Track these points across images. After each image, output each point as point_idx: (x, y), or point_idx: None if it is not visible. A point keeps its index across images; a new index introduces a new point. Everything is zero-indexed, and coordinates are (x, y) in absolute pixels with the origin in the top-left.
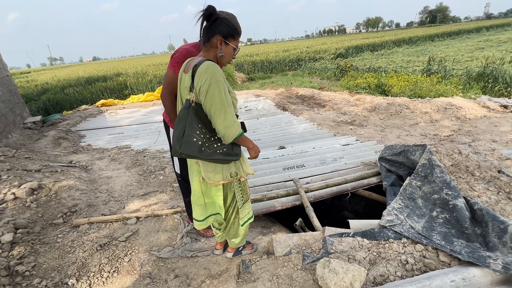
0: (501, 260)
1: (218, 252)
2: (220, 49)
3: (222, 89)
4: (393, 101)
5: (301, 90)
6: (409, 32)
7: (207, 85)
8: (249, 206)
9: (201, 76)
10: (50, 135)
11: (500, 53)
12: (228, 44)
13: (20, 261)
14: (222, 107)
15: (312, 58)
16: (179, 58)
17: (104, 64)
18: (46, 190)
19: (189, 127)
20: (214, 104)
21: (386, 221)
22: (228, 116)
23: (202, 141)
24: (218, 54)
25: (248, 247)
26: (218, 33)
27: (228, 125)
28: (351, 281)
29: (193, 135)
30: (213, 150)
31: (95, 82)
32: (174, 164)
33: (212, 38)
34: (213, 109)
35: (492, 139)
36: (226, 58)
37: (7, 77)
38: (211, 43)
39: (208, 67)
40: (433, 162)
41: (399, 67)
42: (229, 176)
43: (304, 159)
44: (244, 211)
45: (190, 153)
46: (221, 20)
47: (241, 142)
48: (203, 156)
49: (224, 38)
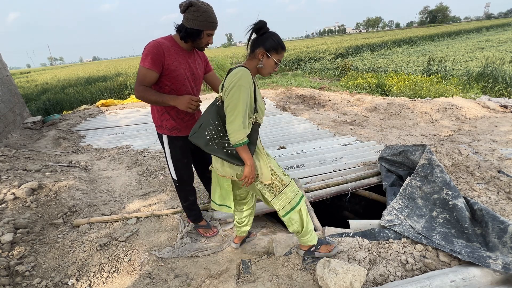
0: (501, 260)
1: (235, 246)
2: (261, 61)
3: (242, 94)
4: (393, 101)
5: (301, 90)
6: (409, 32)
7: (231, 86)
8: (286, 196)
9: (231, 77)
10: (50, 135)
11: (500, 53)
12: (269, 57)
13: (20, 261)
14: (236, 110)
15: (312, 58)
16: (148, 51)
17: (104, 64)
18: (46, 190)
19: (206, 122)
20: (231, 105)
21: (386, 221)
22: (239, 120)
23: (212, 137)
24: (258, 65)
25: (322, 249)
26: (261, 45)
27: (235, 129)
28: (351, 281)
29: (206, 129)
30: (221, 147)
31: (95, 82)
32: (170, 170)
33: (256, 49)
34: (229, 108)
35: (492, 139)
36: (266, 70)
37: (7, 77)
38: (254, 54)
39: (238, 72)
40: (433, 162)
41: (399, 67)
42: (235, 176)
43: (304, 159)
44: (281, 202)
45: (197, 143)
46: (268, 34)
47: (240, 151)
48: (208, 149)
49: (266, 51)
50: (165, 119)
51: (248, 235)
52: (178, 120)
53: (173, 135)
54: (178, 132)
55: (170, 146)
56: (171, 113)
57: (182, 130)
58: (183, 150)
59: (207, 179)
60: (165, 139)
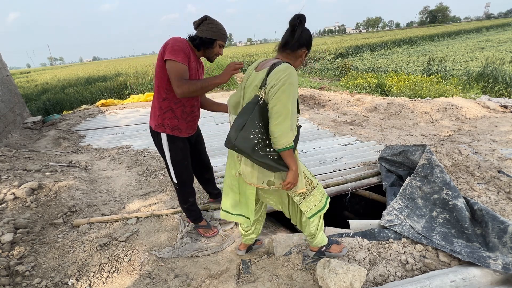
0: (501, 260)
1: (241, 253)
2: (302, 60)
3: (292, 94)
4: (393, 101)
5: (301, 90)
6: (409, 32)
7: (280, 84)
8: (314, 198)
9: (278, 74)
10: (50, 135)
11: (500, 53)
12: (306, 57)
13: (20, 261)
14: (285, 110)
15: (312, 58)
16: (179, 47)
17: (104, 64)
18: (46, 190)
19: (251, 123)
20: (279, 104)
21: (386, 221)
22: (288, 121)
23: (258, 141)
24: (301, 65)
25: (333, 249)
26: (305, 46)
27: (284, 131)
28: (351, 281)
29: (252, 131)
30: (265, 153)
31: (95, 82)
32: (170, 174)
33: (299, 48)
34: (276, 109)
35: (492, 139)
36: (297, 66)
37: (7, 77)
38: (296, 53)
39: (287, 68)
40: (433, 162)
41: (399, 67)
42: (266, 184)
43: (304, 159)
44: (309, 204)
45: (243, 149)
46: (307, 31)
47: (286, 156)
48: (254, 156)
49: (308, 50)
50: (168, 117)
51: (255, 243)
52: (181, 119)
53: (174, 134)
54: (179, 132)
55: (170, 147)
56: (176, 112)
57: (183, 131)
58: (184, 151)
59: (206, 180)
60: (164, 138)
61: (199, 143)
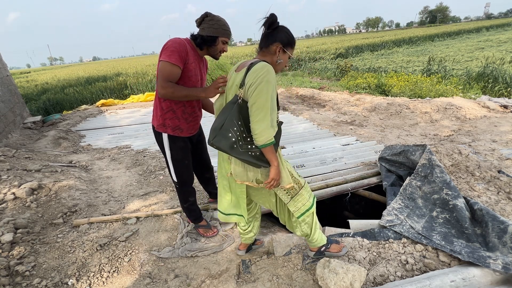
0: (501, 260)
1: (241, 253)
2: (278, 56)
3: (270, 91)
4: (393, 101)
5: (301, 90)
6: (409, 32)
7: (258, 82)
8: (301, 198)
9: (256, 73)
10: (50, 135)
11: (500, 53)
12: (285, 52)
13: (20, 261)
14: (265, 107)
15: (312, 58)
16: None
17: (104, 64)
18: (46, 190)
19: (229, 122)
20: (258, 102)
21: (386, 221)
22: (268, 118)
23: (237, 139)
24: (276, 61)
25: (333, 249)
26: (279, 40)
27: (264, 127)
28: (351, 281)
29: (230, 130)
30: (245, 150)
31: (95, 82)
32: (170, 172)
33: (271, 44)
34: (256, 106)
35: (492, 139)
36: (281, 65)
37: (7, 77)
38: (270, 50)
39: (264, 67)
40: (433, 162)
41: (399, 67)
42: (255, 181)
43: (304, 159)
44: (297, 204)
45: (221, 147)
46: (282, 28)
47: (267, 152)
48: (233, 153)
49: (283, 46)
50: (169, 117)
51: (254, 243)
52: (182, 120)
53: (175, 135)
54: (180, 132)
55: (171, 146)
56: (177, 112)
57: (184, 131)
58: (184, 151)
59: (206, 179)
60: (165, 138)
61: (200, 142)
